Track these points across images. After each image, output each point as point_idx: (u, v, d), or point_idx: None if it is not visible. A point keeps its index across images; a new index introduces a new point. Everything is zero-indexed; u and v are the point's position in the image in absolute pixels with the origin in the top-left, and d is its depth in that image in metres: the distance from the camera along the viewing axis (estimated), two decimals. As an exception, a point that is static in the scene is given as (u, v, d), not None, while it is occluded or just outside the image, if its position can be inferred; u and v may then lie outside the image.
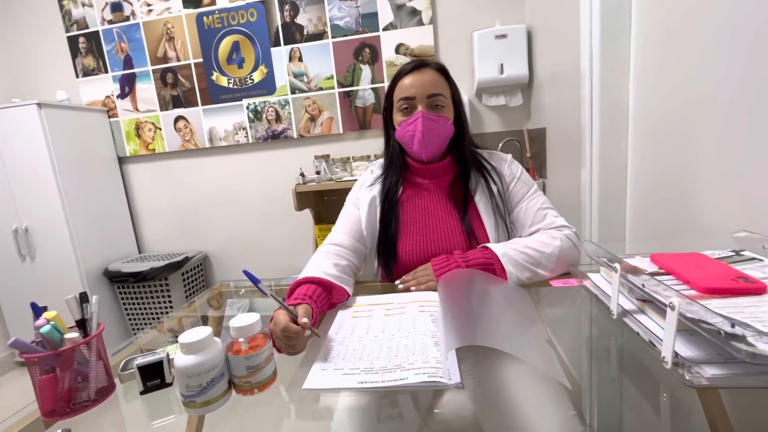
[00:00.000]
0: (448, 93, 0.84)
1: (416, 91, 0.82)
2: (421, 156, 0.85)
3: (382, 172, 0.93)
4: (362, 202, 0.90)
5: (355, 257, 0.85)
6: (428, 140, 0.82)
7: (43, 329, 0.46)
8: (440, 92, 0.82)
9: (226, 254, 2.36)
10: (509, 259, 0.72)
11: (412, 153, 0.87)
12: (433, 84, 0.82)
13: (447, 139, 0.86)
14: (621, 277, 0.53)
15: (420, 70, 0.83)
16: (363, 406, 0.52)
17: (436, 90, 0.82)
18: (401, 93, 0.84)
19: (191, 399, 0.45)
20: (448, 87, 0.85)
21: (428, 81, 0.82)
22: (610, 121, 1.15)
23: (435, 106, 0.82)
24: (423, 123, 0.81)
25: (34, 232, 1.95)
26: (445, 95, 0.84)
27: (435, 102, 0.82)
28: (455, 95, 0.87)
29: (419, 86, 0.82)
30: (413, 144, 0.83)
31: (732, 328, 0.35)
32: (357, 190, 0.94)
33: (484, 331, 0.51)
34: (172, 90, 2.18)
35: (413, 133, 0.82)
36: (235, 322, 0.48)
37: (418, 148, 0.83)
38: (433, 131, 0.82)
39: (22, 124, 1.85)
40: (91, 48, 2.20)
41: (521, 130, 1.88)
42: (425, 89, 0.82)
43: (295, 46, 2.03)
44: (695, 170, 0.82)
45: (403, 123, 0.84)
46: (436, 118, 0.82)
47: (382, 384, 0.47)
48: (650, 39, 0.98)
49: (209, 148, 2.21)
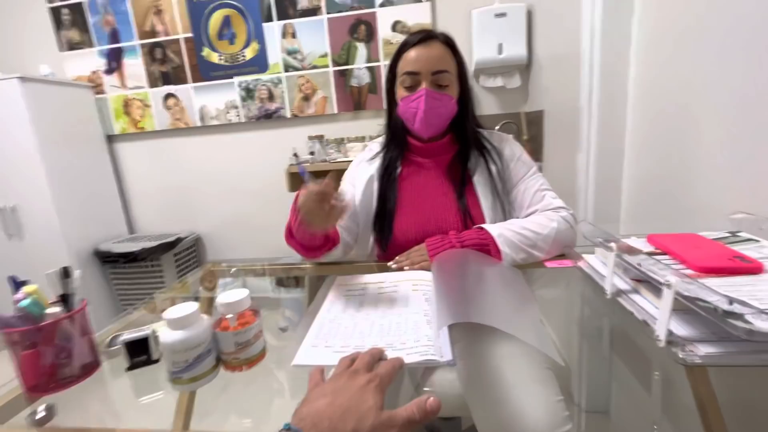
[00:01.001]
0: (454, 69, 0.81)
1: (421, 66, 0.78)
2: (422, 134, 0.84)
3: (381, 148, 0.92)
4: (359, 179, 0.89)
5: (347, 234, 0.85)
6: (430, 119, 0.80)
7: (22, 303, 0.44)
8: (446, 69, 0.79)
9: (218, 235, 2.33)
10: (505, 240, 0.71)
11: (414, 130, 0.85)
12: (439, 59, 0.79)
13: (449, 118, 0.84)
14: (617, 256, 0.52)
15: (427, 42, 0.79)
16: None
17: (441, 66, 0.79)
18: (405, 67, 0.80)
19: (178, 375, 0.44)
20: (454, 62, 0.81)
21: (434, 56, 0.78)
22: (610, 103, 1.13)
23: (440, 84, 0.79)
24: (426, 101, 0.78)
25: (21, 211, 1.91)
26: (451, 71, 0.80)
27: (440, 80, 0.79)
28: (461, 71, 0.83)
29: (425, 61, 0.78)
30: (415, 122, 0.81)
31: (730, 306, 0.34)
32: (354, 167, 0.93)
33: (478, 309, 0.50)
34: (161, 66, 2.10)
35: (415, 111, 0.80)
36: (223, 298, 0.47)
37: (419, 126, 0.81)
38: (436, 110, 0.80)
39: (4, 99, 1.78)
40: (76, 20, 2.10)
41: (518, 113, 1.85)
42: (431, 65, 0.78)
43: (288, 22, 1.96)
44: (693, 154, 0.82)
45: (406, 99, 0.81)
46: (440, 97, 0.79)
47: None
48: (652, 21, 0.96)
49: (200, 126, 2.16)
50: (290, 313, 0.79)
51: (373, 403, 0.33)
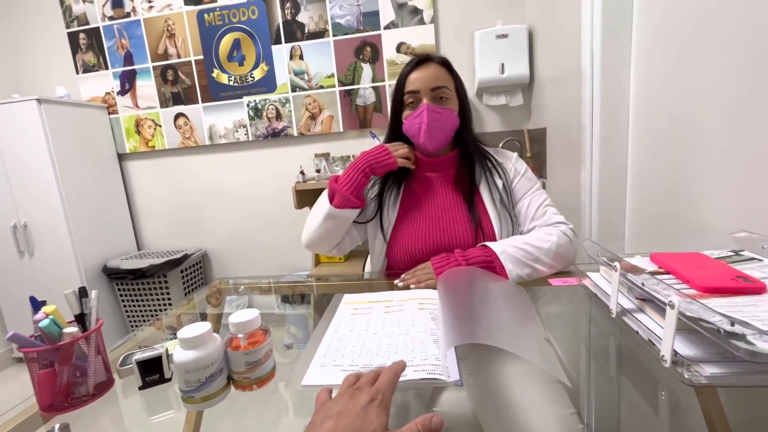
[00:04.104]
0: (452, 86, 0.86)
1: (420, 85, 0.84)
2: (428, 147, 0.87)
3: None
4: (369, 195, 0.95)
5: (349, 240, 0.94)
6: (433, 132, 0.84)
7: (42, 323, 0.46)
8: (444, 85, 0.84)
9: (225, 252, 2.35)
10: (508, 256, 0.73)
11: (419, 145, 0.88)
12: (437, 77, 0.84)
13: (452, 130, 0.88)
14: (621, 276, 0.53)
15: (423, 65, 0.85)
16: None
17: (439, 83, 0.84)
18: (407, 87, 0.86)
19: (190, 394, 0.45)
20: (452, 80, 0.87)
21: (431, 75, 0.84)
22: (611, 121, 1.15)
23: (439, 98, 0.84)
24: (428, 115, 0.83)
25: (33, 228, 1.95)
26: (449, 87, 0.86)
27: (439, 95, 0.84)
28: (459, 88, 0.88)
29: (423, 80, 0.84)
30: (420, 136, 0.85)
31: (732, 327, 0.35)
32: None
33: (484, 329, 0.51)
34: (173, 87, 2.17)
35: (419, 126, 0.84)
36: (235, 318, 0.48)
37: (424, 139, 0.85)
38: (438, 122, 0.84)
39: (22, 120, 1.85)
40: (92, 44, 2.19)
41: (521, 130, 1.88)
42: (429, 82, 0.84)
43: (296, 44, 2.03)
44: (695, 171, 0.82)
45: (410, 116, 0.86)
46: (441, 110, 0.84)
47: (381, 381, 0.47)
48: (651, 39, 0.98)
49: (209, 145, 2.21)
50: (295, 329, 0.80)
51: (378, 424, 0.32)
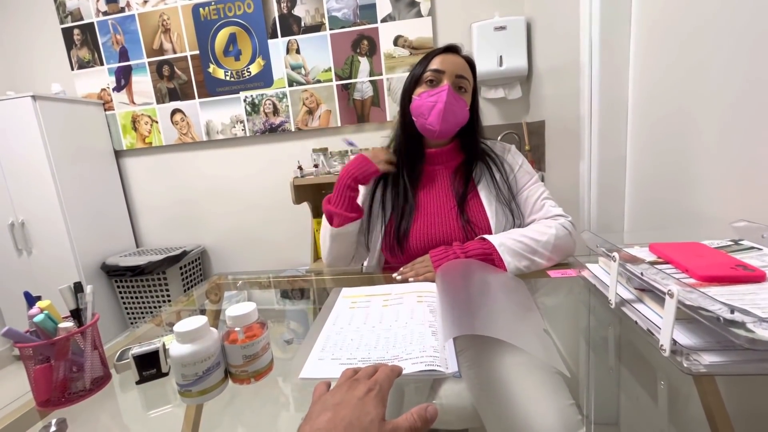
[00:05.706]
0: (471, 83, 0.88)
1: (447, 67, 0.84)
2: (435, 127, 0.83)
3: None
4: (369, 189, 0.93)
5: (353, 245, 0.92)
6: (447, 115, 0.83)
7: (37, 318, 0.45)
8: (467, 76, 0.85)
9: (224, 248, 2.35)
10: (506, 249, 0.72)
11: (426, 124, 0.85)
12: (463, 67, 0.86)
13: (462, 120, 0.87)
14: (619, 266, 0.53)
15: (453, 52, 0.86)
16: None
17: (464, 72, 0.85)
18: (432, 66, 0.85)
19: (187, 388, 0.45)
20: (472, 78, 0.88)
21: (459, 63, 0.85)
22: (610, 113, 1.14)
23: (459, 87, 0.85)
24: (448, 96, 0.82)
25: (30, 225, 1.94)
26: (470, 83, 0.87)
27: (460, 84, 0.85)
28: (475, 88, 0.90)
29: (451, 64, 0.84)
30: (430, 115, 0.83)
31: (731, 314, 0.35)
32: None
33: (483, 321, 0.51)
34: (169, 82, 2.16)
35: (434, 104, 0.83)
36: (232, 311, 0.48)
37: (435, 118, 0.83)
38: (453, 108, 0.83)
39: (17, 117, 1.83)
40: (86, 40, 2.17)
41: (520, 123, 1.87)
42: (455, 68, 0.84)
43: (292, 38, 2.01)
44: (694, 161, 0.82)
45: (425, 93, 0.84)
46: (458, 99, 0.84)
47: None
48: (650, 31, 0.97)
49: (206, 141, 2.20)
50: (295, 325, 0.80)
51: (375, 415, 0.32)
